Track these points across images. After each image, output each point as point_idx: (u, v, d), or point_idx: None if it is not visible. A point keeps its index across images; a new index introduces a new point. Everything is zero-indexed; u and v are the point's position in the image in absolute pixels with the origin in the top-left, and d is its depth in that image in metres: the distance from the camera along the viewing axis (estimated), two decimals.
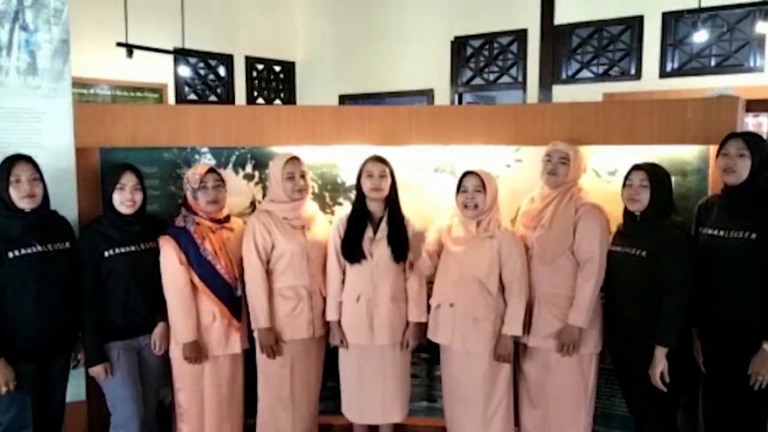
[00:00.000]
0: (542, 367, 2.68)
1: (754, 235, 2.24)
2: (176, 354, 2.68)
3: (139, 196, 2.58)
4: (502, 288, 2.62)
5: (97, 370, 2.54)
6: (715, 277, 2.33)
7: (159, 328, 2.66)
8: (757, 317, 2.25)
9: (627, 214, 2.52)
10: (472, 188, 2.58)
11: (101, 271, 2.53)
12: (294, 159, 2.71)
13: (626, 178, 2.49)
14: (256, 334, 2.72)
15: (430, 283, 2.76)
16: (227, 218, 2.78)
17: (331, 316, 2.72)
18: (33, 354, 2.44)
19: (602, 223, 2.56)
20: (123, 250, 2.56)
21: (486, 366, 2.63)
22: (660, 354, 2.34)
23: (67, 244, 2.53)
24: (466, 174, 2.62)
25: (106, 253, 2.53)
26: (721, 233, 2.33)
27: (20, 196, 2.38)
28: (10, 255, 2.35)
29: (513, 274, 2.57)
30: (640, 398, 2.52)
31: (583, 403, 2.64)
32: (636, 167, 2.47)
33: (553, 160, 2.61)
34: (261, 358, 2.76)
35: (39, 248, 2.42)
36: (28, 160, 2.44)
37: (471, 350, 2.63)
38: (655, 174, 2.43)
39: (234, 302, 2.69)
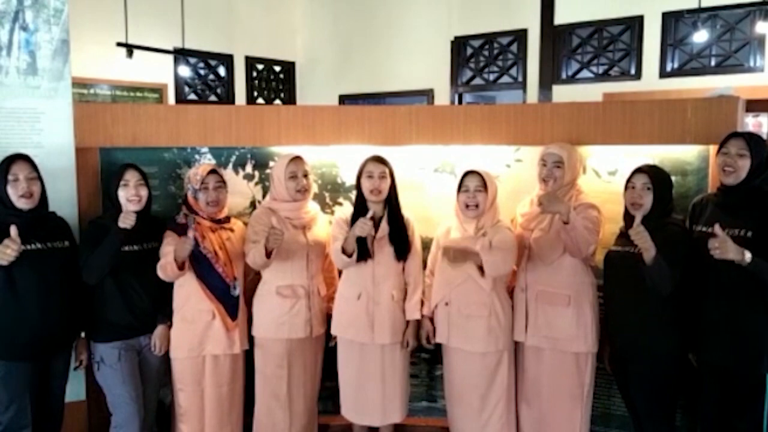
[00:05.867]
0: (539, 366, 2.67)
1: (750, 234, 2.25)
2: (176, 354, 2.68)
3: (144, 192, 2.59)
4: (498, 284, 2.61)
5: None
6: (709, 273, 2.33)
7: (159, 330, 2.66)
8: (753, 314, 2.25)
9: (627, 215, 2.52)
10: (474, 188, 2.58)
11: None
12: (297, 159, 2.71)
13: (628, 180, 2.48)
14: (254, 332, 2.72)
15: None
16: (227, 219, 2.78)
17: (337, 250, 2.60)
18: (33, 353, 2.44)
19: (597, 218, 2.53)
20: (126, 248, 2.55)
21: (482, 365, 2.63)
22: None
23: (67, 243, 2.54)
24: (467, 173, 2.62)
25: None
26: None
27: (18, 195, 2.39)
28: None
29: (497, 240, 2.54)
30: (638, 398, 2.52)
31: (579, 403, 2.64)
32: (638, 170, 2.46)
33: (548, 165, 2.61)
34: (258, 358, 2.76)
35: (39, 246, 2.42)
36: (26, 159, 2.45)
37: (465, 348, 2.63)
38: (657, 177, 2.42)
39: (231, 301, 2.68)
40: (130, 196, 2.56)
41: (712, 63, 5.34)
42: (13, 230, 2.27)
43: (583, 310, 2.57)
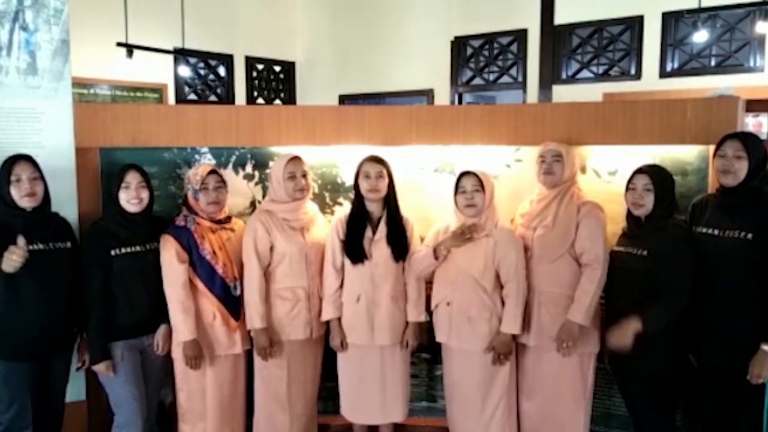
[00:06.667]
0: (542, 366, 2.67)
1: (750, 235, 2.24)
2: (178, 354, 2.67)
3: (145, 194, 2.59)
4: (499, 286, 2.62)
5: (100, 368, 2.53)
6: (709, 274, 2.33)
7: (162, 329, 2.66)
8: (752, 315, 2.25)
9: (630, 216, 2.52)
10: (471, 188, 2.58)
11: (106, 269, 2.52)
12: (296, 159, 2.71)
13: (629, 181, 2.48)
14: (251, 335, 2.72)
15: (429, 283, 2.76)
16: (228, 219, 2.78)
17: (327, 314, 2.72)
18: (34, 353, 2.44)
19: (604, 223, 2.57)
20: (129, 249, 2.56)
21: (484, 365, 2.62)
22: (635, 324, 2.32)
23: (69, 244, 2.54)
24: (463, 174, 2.62)
25: (113, 252, 2.53)
26: (716, 232, 2.33)
27: (21, 195, 2.39)
28: None
29: (509, 273, 2.57)
30: (638, 398, 2.52)
31: (582, 403, 2.65)
32: (639, 171, 2.46)
33: (547, 160, 2.62)
34: (258, 358, 2.76)
35: (41, 246, 2.42)
36: (28, 159, 2.45)
37: (466, 349, 2.63)
38: (658, 177, 2.42)
39: (232, 302, 2.68)
40: (131, 198, 2.56)
41: (712, 63, 5.35)
42: (21, 240, 2.27)
43: None
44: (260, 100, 7.33)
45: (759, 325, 2.23)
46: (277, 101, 7.48)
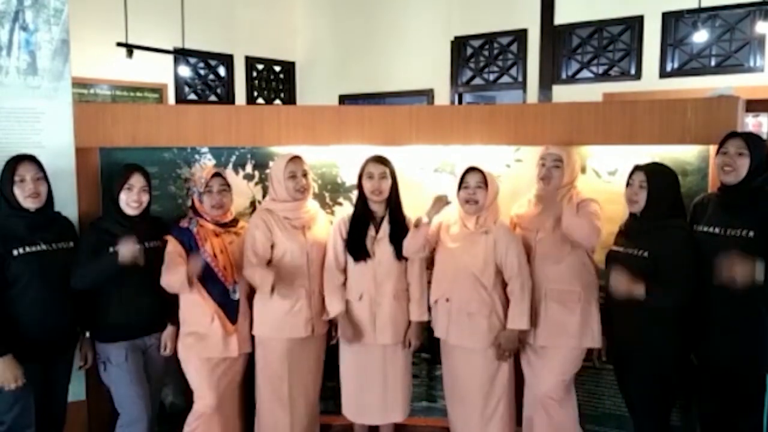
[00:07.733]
0: (541, 363, 2.67)
1: (751, 234, 2.25)
2: (183, 355, 2.67)
3: (145, 198, 2.59)
4: (499, 283, 2.61)
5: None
6: (710, 272, 2.32)
7: (169, 330, 2.67)
8: (753, 314, 2.24)
9: (630, 214, 2.53)
10: (474, 184, 2.58)
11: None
12: (296, 158, 2.71)
13: (629, 177, 2.49)
14: (255, 331, 2.72)
15: (430, 282, 2.76)
16: (234, 222, 2.77)
17: (333, 310, 2.69)
18: (37, 353, 2.44)
19: (600, 209, 2.58)
20: None
21: (484, 363, 2.63)
22: (638, 288, 2.31)
23: (71, 244, 2.54)
24: (468, 170, 2.62)
25: (111, 250, 2.52)
26: (717, 231, 2.34)
27: (25, 196, 2.39)
28: (15, 253, 2.36)
29: (513, 269, 2.57)
30: (637, 398, 2.52)
31: (571, 388, 2.68)
32: (637, 168, 2.47)
33: (547, 164, 2.62)
34: (259, 358, 2.76)
35: (44, 247, 2.42)
36: (32, 159, 2.45)
37: (465, 345, 2.63)
38: (654, 175, 2.42)
39: (230, 305, 2.67)
40: (131, 201, 2.55)
41: (712, 63, 5.34)
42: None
43: (591, 307, 2.58)
44: (260, 100, 7.33)
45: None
46: (277, 101, 7.48)
